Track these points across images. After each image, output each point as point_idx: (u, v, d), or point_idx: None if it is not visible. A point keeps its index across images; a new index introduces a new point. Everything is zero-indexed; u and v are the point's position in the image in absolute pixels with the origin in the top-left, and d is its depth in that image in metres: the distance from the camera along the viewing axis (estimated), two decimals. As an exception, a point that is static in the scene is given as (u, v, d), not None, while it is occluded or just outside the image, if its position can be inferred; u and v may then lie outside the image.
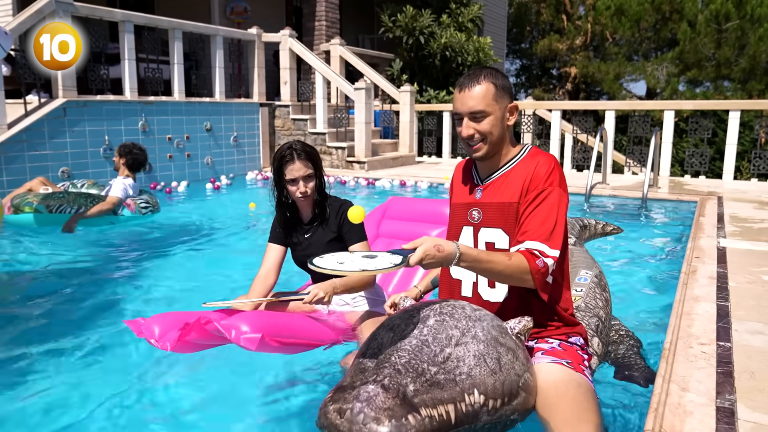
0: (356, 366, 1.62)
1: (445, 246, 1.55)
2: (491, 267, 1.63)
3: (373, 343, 1.67)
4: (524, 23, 23.71)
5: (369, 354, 1.63)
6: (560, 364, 1.75)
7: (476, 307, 1.74)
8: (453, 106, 1.86)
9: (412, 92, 10.05)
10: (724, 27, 17.13)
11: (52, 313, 3.17)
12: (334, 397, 1.46)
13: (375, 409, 1.39)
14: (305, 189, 2.28)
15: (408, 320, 1.68)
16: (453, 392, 1.49)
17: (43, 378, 2.34)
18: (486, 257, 1.63)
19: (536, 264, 1.66)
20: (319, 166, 2.35)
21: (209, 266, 4.11)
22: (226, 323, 1.80)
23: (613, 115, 8.76)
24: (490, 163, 1.89)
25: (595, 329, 2.25)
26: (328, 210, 2.37)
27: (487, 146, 1.82)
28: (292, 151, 2.27)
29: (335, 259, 1.55)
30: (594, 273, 2.67)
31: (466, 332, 1.61)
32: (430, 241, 1.55)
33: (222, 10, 11.78)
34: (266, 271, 2.40)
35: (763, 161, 8.10)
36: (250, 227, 5.36)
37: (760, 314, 2.61)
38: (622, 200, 6.69)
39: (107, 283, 3.66)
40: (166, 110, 7.83)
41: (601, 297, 2.49)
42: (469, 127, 1.80)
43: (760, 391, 1.89)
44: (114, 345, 2.68)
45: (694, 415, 1.74)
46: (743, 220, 4.99)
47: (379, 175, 8.39)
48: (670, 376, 2.00)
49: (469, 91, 1.79)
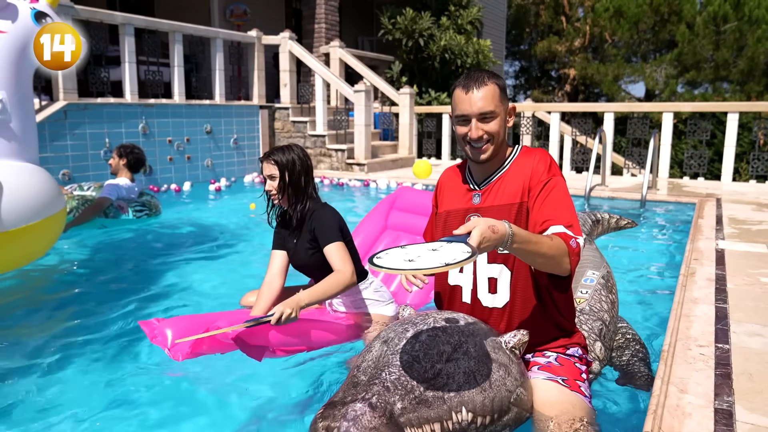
0: (350, 379, 1.62)
1: (498, 226, 1.44)
2: (538, 249, 1.55)
3: (367, 355, 1.68)
4: (523, 25, 23.75)
5: (363, 367, 1.63)
6: (555, 382, 1.75)
7: (472, 320, 1.74)
8: (457, 108, 1.81)
9: (412, 94, 10.07)
10: (722, 29, 17.17)
11: (55, 313, 3.18)
12: (324, 414, 1.47)
13: (361, 428, 1.40)
14: (270, 187, 2.49)
15: (401, 334, 1.68)
16: (440, 410, 1.49)
17: (43, 376, 2.35)
18: (534, 238, 1.55)
19: (571, 244, 1.62)
20: (287, 170, 2.47)
21: (212, 267, 4.12)
22: (240, 340, 1.91)
23: (611, 116, 8.78)
24: (488, 166, 1.87)
25: (598, 333, 2.23)
26: (299, 216, 2.52)
27: (493, 147, 1.81)
28: (268, 151, 2.53)
29: (401, 257, 1.37)
30: (601, 274, 2.62)
31: (457, 348, 1.61)
32: (484, 222, 1.43)
33: (222, 12, 11.81)
34: (271, 277, 2.56)
35: (761, 163, 8.13)
36: (251, 228, 5.37)
37: (759, 316, 2.62)
38: (621, 202, 6.71)
39: (110, 284, 3.67)
40: (167, 113, 7.85)
41: (606, 299, 2.45)
42: (478, 129, 1.78)
43: (758, 393, 1.90)
44: (120, 345, 2.70)
45: (693, 416, 1.76)
46: (742, 221, 5.01)
47: (379, 176, 8.40)
48: (668, 378, 2.01)
49: (477, 92, 1.77)
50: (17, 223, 3.20)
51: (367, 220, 3.43)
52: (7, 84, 3.47)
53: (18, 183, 3.28)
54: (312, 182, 2.56)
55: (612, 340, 2.40)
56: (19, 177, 3.32)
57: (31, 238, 3.36)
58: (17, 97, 3.52)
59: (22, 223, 3.23)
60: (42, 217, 3.38)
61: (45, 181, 3.50)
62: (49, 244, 3.73)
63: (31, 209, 3.30)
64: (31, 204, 3.32)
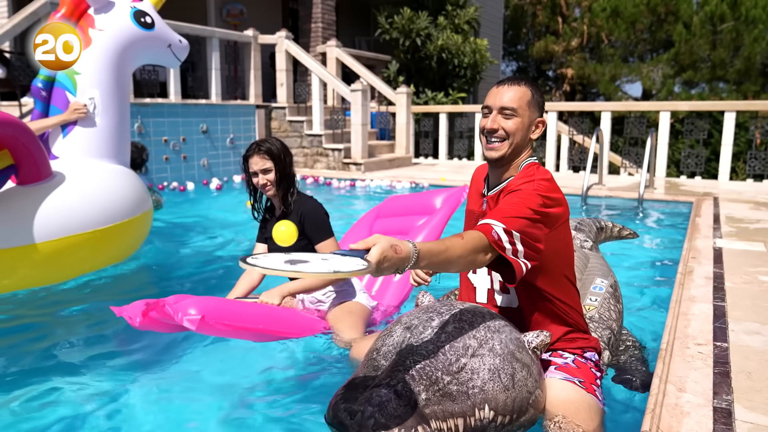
0: (369, 362, 1.58)
1: (402, 246, 1.33)
2: (449, 255, 1.45)
3: (388, 339, 1.63)
4: (520, 25, 23.75)
5: (383, 351, 1.59)
6: (572, 383, 1.74)
7: (497, 316, 1.71)
8: (485, 100, 1.84)
9: (409, 94, 10.05)
10: (719, 28, 17.20)
11: (52, 304, 3.17)
12: (346, 396, 1.43)
13: (386, 416, 1.36)
14: (264, 181, 2.47)
15: (426, 322, 1.63)
16: (464, 406, 1.46)
17: (40, 375, 2.33)
18: (441, 246, 1.44)
19: (492, 235, 1.55)
20: (280, 161, 2.49)
21: (209, 261, 4.20)
22: (177, 306, 1.91)
23: (608, 116, 8.77)
24: (500, 172, 1.85)
25: (606, 342, 2.19)
26: (292, 205, 2.52)
27: (505, 147, 1.78)
28: (254, 146, 2.51)
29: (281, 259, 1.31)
30: (609, 282, 2.60)
31: (483, 343, 1.57)
32: (386, 241, 1.31)
33: (218, 12, 11.78)
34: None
35: (758, 162, 8.13)
36: (246, 224, 5.38)
37: (757, 314, 2.61)
38: (618, 201, 6.70)
39: (106, 277, 3.66)
40: (162, 112, 7.81)
41: (615, 309, 2.42)
42: (495, 121, 1.77)
43: (757, 392, 1.88)
44: (113, 336, 2.70)
45: (691, 415, 1.74)
46: (739, 220, 5.00)
47: (376, 176, 8.38)
48: (667, 377, 1.99)
49: (507, 88, 1.78)
50: (103, 222, 3.32)
51: (353, 231, 3.44)
52: (101, 83, 3.47)
53: (104, 186, 3.38)
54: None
55: (618, 349, 2.39)
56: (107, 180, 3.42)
57: (116, 238, 3.46)
58: (112, 98, 3.53)
59: (107, 223, 3.34)
60: (125, 219, 3.47)
61: (131, 186, 3.58)
62: (136, 244, 3.83)
63: (115, 211, 3.40)
64: (114, 206, 3.41)
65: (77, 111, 3.42)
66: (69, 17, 3.43)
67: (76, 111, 3.42)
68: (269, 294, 2.40)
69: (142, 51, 3.71)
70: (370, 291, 2.96)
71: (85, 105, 3.43)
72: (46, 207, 3.12)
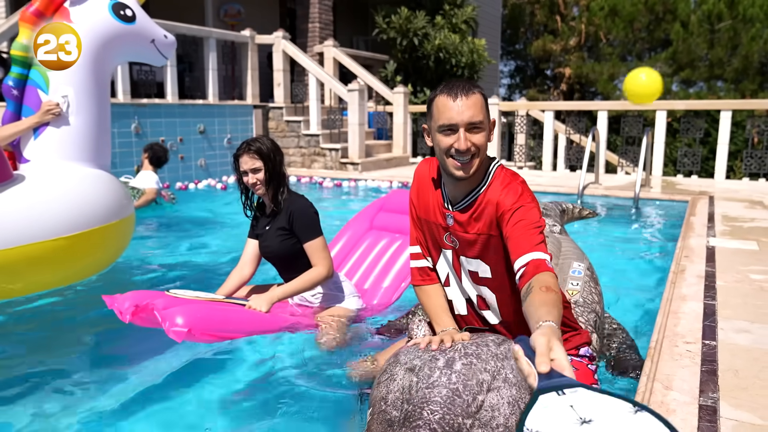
0: (379, 414, 1.50)
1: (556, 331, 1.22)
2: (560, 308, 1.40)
3: (391, 384, 1.55)
4: (518, 24, 23.77)
5: (390, 400, 1.51)
6: None
7: (499, 340, 1.64)
8: (441, 117, 1.63)
9: (406, 93, 10.06)
10: (716, 27, 17.22)
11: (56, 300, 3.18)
12: None
13: None
14: (254, 180, 2.50)
15: (431, 363, 1.54)
16: None
17: (40, 373, 2.34)
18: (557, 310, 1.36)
19: (549, 266, 1.53)
20: (270, 160, 2.50)
21: (205, 256, 4.29)
22: (165, 313, 1.96)
23: (605, 115, 8.79)
24: (464, 184, 1.71)
25: (593, 325, 2.21)
26: (282, 204, 2.54)
27: (476, 163, 1.65)
28: (244, 145, 2.52)
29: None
30: (585, 265, 2.60)
31: (496, 375, 1.51)
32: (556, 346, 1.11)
33: (215, 12, 11.79)
34: (242, 264, 2.66)
35: (754, 161, 8.14)
36: (242, 223, 5.44)
37: (747, 313, 2.62)
38: (614, 200, 6.71)
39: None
40: (160, 113, 7.82)
41: (595, 291, 2.43)
42: (467, 140, 1.61)
43: (743, 390, 1.90)
44: (108, 333, 2.72)
45: (677, 413, 1.75)
46: (734, 219, 5.01)
47: (373, 176, 8.39)
48: (654, 375, 2.01)
49: (466, 99, 1.61)
50: (69, 230, 3.03)
51: (354, 222, 3.43)
52: (75, 81, 3.20)
53: (73, 190, 3.11)
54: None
55: (603, 330, 2.40)
56: (78, 184, 3.15)
57: (87, 247, 3.18)
58: (88, 96, 3.25)
59: (73, 231, 3.05)
60: (96, 226, 3.19)
61: (106, 191, 3.30)
62: (113, 255, 3.56)
63: (85, 218, 3.12)
64: (84, 212, 3.12)
65: (50, 111, 3.13)
66: (43, 11, 3.17)
67: (48, 111, 3.13)
68: (257, 301, 2.39)
69: (123, 46, 3.40)
70: (361, 289, 2.97)
71: (58, 104, 3.16)
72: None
